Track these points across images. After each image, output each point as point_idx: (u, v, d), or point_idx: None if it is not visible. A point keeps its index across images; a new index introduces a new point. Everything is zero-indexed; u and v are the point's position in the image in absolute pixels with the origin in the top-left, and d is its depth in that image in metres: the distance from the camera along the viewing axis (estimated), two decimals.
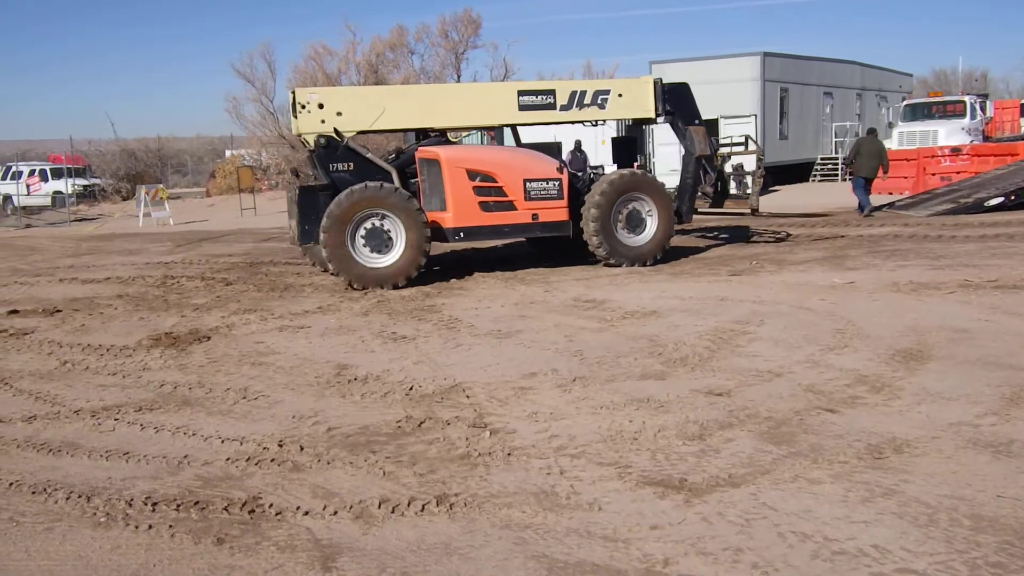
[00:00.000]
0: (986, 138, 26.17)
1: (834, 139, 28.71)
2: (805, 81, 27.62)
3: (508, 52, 73.21)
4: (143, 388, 6.65)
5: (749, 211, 13.59)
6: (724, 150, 14.06)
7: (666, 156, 24.64)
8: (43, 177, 34.80)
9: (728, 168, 13.88)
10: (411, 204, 11.05)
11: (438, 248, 12.53)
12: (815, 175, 28.16)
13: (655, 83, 12.71)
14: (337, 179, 11.29)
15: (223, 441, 5.30)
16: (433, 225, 11.22)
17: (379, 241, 10.98)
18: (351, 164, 11.44)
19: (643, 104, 12.69)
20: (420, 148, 12.04)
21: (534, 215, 11.65)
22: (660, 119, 13.00)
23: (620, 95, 12.56)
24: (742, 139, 14.23)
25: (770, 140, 25.65)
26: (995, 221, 14.19)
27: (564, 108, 12.31)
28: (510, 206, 11.56)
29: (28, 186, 33.01)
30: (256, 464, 4.88)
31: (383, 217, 10.98)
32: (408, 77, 35.80)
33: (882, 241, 13.08)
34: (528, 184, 11.62)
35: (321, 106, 11.42)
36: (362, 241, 10.94)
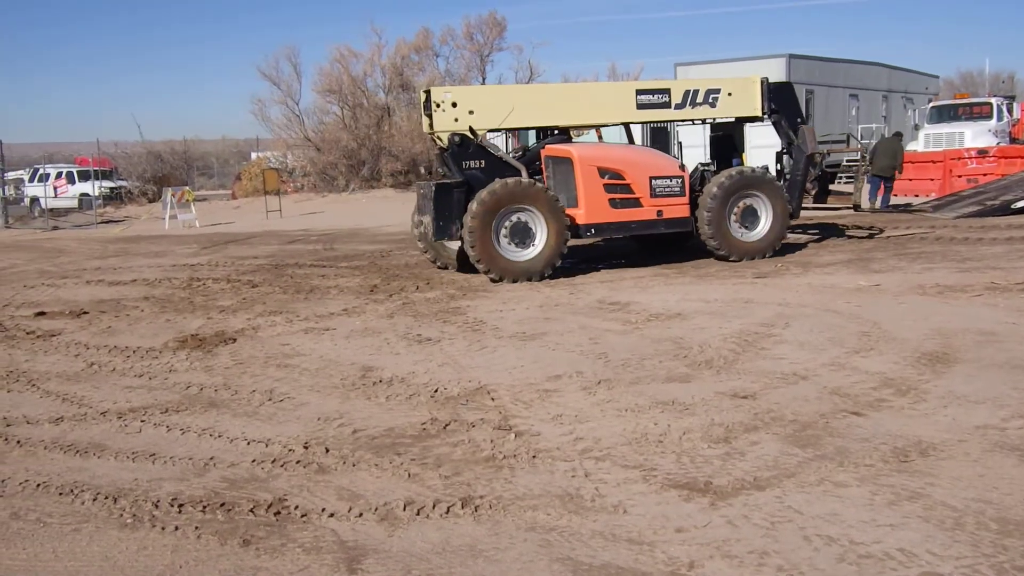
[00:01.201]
0: (1013, 140, 25.81)
1: (860, 141, 28.46)
2: (831, 83, 27.39)
3: (533, 54, 73.24)
4: (169, 390, 6.72)
5: (852, 207, 14.11)
6: (824, 147, 14.29)
7: (693, 158, 24.51)
8: (70, 179, 35.25)
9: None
10: (555, 200, 11.39)
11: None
12: (840, 177, 27.94)
13: (762, 82, 12.94)
14: (470, 176, 11.51)
15: (249, 443, 5.35)
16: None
17: (521, 235, 11.31)
18: (483, 161, 11.64)
19: (751, 103, 12.92)
20: (548, 146, 12.26)
21: (659, 212, 12.01)
22: (766, 118, 13.21)
23: (730, 93, 12.81)
24: (843, 137, 14.48)
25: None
26: (1022, 223, 14.01)
27: (678, 107, 12.60)
28: (637, 203, 11.90)
29: (55, 188, 33.45)
30: (282, 466, 4.92)
31: (526, 212, 11.30)
32: (433, 79, 35.94)
33: (908, 243, 12.96)
34: (654, 182, 11.97)
35: (455, 105, 11.58)
36: (505, 235, 11.25)
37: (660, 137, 29.44)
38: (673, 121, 13.20)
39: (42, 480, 4.87)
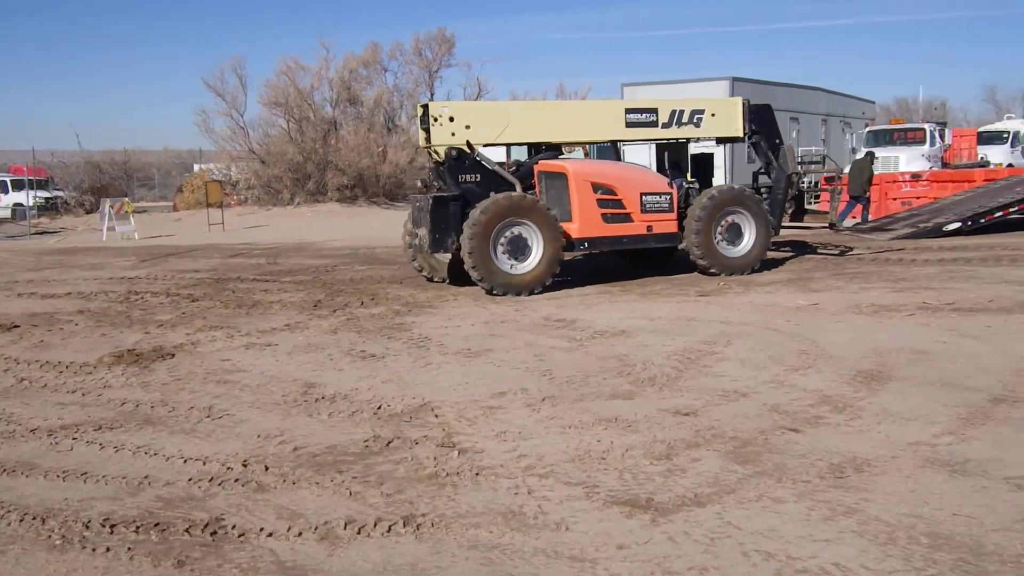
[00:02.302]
0: (945, 165, 26.70)
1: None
2: (772, 106, 28.01)
3: (481, 71, 73.61)
4: (103, 406, 6.54)
5: (828, 225, 14.62)
6: (801, 167, 14.74)
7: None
8: (3, 189, 34.34)
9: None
10: (551, 215, 11.53)
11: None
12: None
13: (744, 104, 13.37)
14: (466, 190, 11.66)
15: (186, 461, 5.23)
16: None
17: (519, 249, 11.42)
18: (479, 175, 11.80)
19: (733, 123, 13.30)
20: (542, 162, 12.42)
21: (648, 227, 12.22)
22: (747, 139, 13.61)
23: (713, 114, 13.16)
24: (819, 158, 14.86)
25: (738, 163, 25.97)
26: (953, 245, 14.49)
27: (665, 126, 12.88)
28: (628, 218, 12.10)
29: None
30: (219, 484, 4.82)
31: (524, 226, 11.40)
32: (381, 94, 35.90)
33: (846, 264, 13.29)
34: (644, 198, 12.19)
35: (452, 119, 11.67)
36: (504, 249, 11.36)
37: (607, 157, 29.82)
38: (660, 140, 13.39)
39: None
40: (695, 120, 13.03)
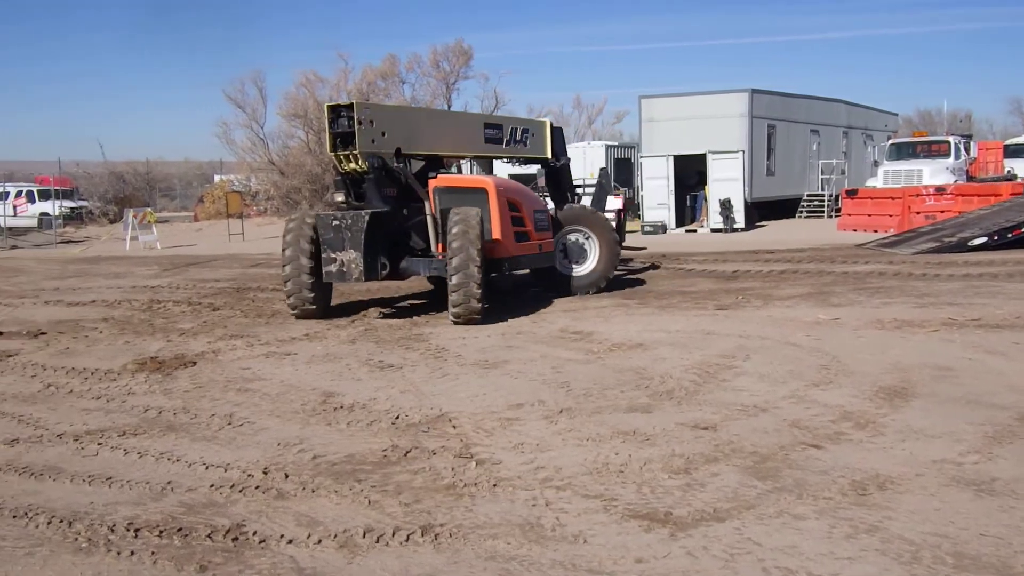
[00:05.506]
0: (970, 178, 26.50)
1: (820, 176, 29.01)
2: (792, 118, 27.96)
3: (499, 83, 73.80)
4: (127, 413, 6.60)
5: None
6: (579, 190, 14.46)
7: (655, 190, 24.84)
8: (30, 198, 34.74)
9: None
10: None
11: (421, 279, 12.49)
12: (801, 211, 28.42)
13: (550, 125, 13.34)
14: (389, 204, 10.58)
15: (207, 467, 5.27)
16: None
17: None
18: (395, 189, 10.67)
19: (545, 146, 13.15)
20: (445, 176, 11.52)
21: (540, 246, 11.68)
22: (555, 162, 13.34)
23: (533, 134, 13.02)
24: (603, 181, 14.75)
25: (757, 176, 25.92)
26: (979, 260, 14.35)
27: (508, 143, 12.56)
28: (527, 236, 11.42)
29: (15, 207, 32.93)
30: (240, 491, 4.86)
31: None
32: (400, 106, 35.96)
33: (867, 278, 13.20)
34: (536, 215, 11.67)
35: (372, 122, 10.39)
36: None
37: (624, 168, 29.81)
38: (500, 157, 13.23)
39: None
40: (524, 139, 12.81)
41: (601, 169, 15.84)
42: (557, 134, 13.44)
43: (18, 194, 34.61)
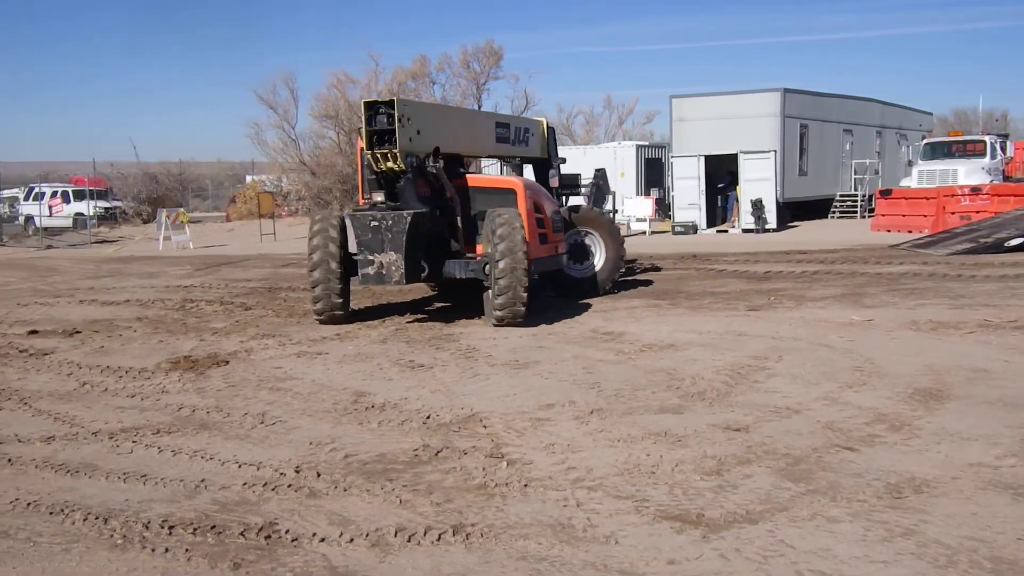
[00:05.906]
0: (1006, 178, 26.05)
1: (854, 176, 28.66)
2: (825, 118, 27.66)
3: (529, 83, 73.70)
4: (161, 411, 6.69)
5: None
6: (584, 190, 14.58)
7: (686, 190, 24.72)
8: (65, 199, 35.25)
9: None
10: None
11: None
12: (834, 211, 28.11)
13: (544, 123, 13.40)
14: (427, 204, 10.46)
15: (240, 466, 5.32)
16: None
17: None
18: (429, 190, 10.51)
19: (543, 146, 13.20)
20: (474, 175, 11.59)
21: (555, 247, 11.56)
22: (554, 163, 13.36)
23: (533, 134, 13.07)
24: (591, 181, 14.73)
25: (789, 176, 25.67)
26: (1015, 261, 14.11)
27: (513, 143, 12.58)
28: (546, 239, 11.27)
29: (50, 207, 33.44)
30: (273, 489, 4.90)
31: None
32: None
33: (901, 279, 13.03)
34: (554, 217, 11.55)
35: (409, 120, 10.08)
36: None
37: (655, 168, 29.67)
38: (506, 157, 13.15)
39: (32, 499, 4.83)
40: (526, 139, 12.80)
41: (597, 170, 15.76)
42: (551, 135, 13.46)
43: (53, 194, 35.12)
